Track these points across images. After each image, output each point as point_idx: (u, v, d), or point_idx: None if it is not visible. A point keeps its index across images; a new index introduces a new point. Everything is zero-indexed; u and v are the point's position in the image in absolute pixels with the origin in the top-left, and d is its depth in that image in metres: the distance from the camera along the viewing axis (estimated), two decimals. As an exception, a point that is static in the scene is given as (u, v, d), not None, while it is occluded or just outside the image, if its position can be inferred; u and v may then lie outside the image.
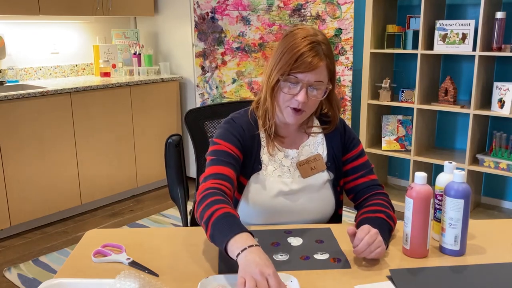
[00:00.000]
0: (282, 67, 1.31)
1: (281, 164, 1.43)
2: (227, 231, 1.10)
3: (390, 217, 1.32)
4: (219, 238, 1.11)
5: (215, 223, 1.14)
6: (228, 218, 1.14)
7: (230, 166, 1.34)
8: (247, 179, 1.42)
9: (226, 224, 1.13)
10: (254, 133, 1.42)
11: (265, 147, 1.42)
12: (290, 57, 1.29)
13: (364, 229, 1.17)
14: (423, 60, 3.28)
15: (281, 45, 1.35)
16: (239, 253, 1.04)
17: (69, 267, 1.16)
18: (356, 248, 1.15)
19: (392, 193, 3.66)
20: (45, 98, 3.18)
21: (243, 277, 0.99)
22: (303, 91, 1.30)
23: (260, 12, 3.63)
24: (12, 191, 3.08)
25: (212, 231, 1.14)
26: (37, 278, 2.61)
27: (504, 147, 3.15)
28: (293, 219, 1.44)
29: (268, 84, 1.35)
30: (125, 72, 4.05)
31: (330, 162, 1.46)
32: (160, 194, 3.98)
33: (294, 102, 1.33)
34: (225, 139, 1.38)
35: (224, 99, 3.81)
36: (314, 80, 1.31)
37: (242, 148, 1.39)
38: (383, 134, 3.58)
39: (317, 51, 1.30)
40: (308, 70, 1.29)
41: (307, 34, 1.32)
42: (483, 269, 1.15)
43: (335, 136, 1.47)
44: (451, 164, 1.24)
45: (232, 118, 1.44)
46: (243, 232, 1.09)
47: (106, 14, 3.75)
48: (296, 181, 1.43)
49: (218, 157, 1.35)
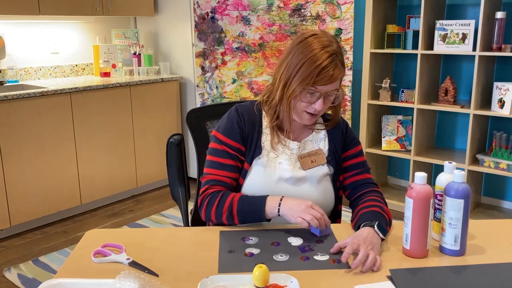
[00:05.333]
0: (304, 80, 1.35)
1: (283, 152, 1.47)
2: (255, 207, 1.33)
3: (385, 211, 1.38)
4: (253, 216, 1.34)
5: (239, 209, 1.34)
6: (246, 198, 1.36)
7: (230, 168, 1.43)
8: (250, 164, 1.46)
9: (248, 203, 1.35)
10: (256, 121, 1.47)
11: (267, 135, 1.48)
12: (312, 71, 1.33)
13: (353, 245, 1.18)
14: (423, 60, 3.28)
15: (297, 54, 1.37)
16: (278, 209, 1.30)
17: (69, 267, 1.17)
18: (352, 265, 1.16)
19: (392, 193, 3.66)
20: (45, 98, 3.18)
21: (299, 217, 1.26)
22: (321, 100, 1.37)
23: (260, 12, 3.63)
24: (12, 191, 3.08)
25: (242, 217, 1.34)
26: (37, 278, 2.61)
27: (504, 147, 3.14)
28: None
29: (286, 93, 1.39)
30: (125, 72, 4.05)
31: (330, 157, 1.50)
32: (160, 194, 3.98)
33: (311, 108, 1.39)
34: (226, 133, 1.45)
35: (224, 99, 3.81)
36: (331, 89, 1.38)
37: (243, 138, 1.46)
38: (383, 134, 3.58)
39: (336, 63, 1.35)
40: (328, 83, 1.35)
41: (324, 44, 1.35)
42: (483, 269, 1.15)
43: (337, 133, 1.52)
44: (451, 164, 1.24)
45: (236, 107, 1.50)
46: (266, 197, 1.33)
47: (106, 14, 3.75)
48: (297, 172, 1.46)
49: (218, 159, 1.44)
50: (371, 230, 1.25)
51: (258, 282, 1.05)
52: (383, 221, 1.31)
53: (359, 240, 1.19)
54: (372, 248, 1.18)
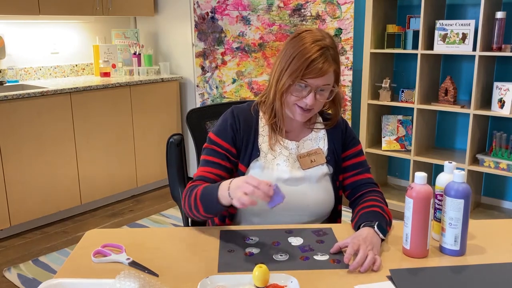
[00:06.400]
0: (293, 72, 1.34)
1: (280, 153, 1.46)
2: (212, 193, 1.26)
3: (385, 212, 1.37)
4: (211, 203, 1.27)
5: (201, 198, 1.30)
6: (207, 187, 1.31)
7: (219, 167, 1.43)
8: (246, 166, 1.46)
9: (207, 191, 1.29)
10: (252, 122, 1.47)
11: (264, 136, 1.47)
12: (301, 63, 1.33)
13: (353, 246, 1.18)
14: (423, 60, 3.28)
15: (289, 49, 1.37)
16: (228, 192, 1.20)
17: (69, 267, 1.16)
18: (351, 267, 1.15)
19: (392, 193, 3.66)
20: (45, 98, 3.18)
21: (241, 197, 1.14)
22: (311, 94, 1.36)
23: (260, 12, 3.63)
24: (12, 191, 3.08)
25: (204, 205, 1.29)
26: (37, 278, 2.61)
27: (504, 147, 3.14)
28: (294, 205, 1.43)
29: (278, 87, 1.39)
30: (125, 72, 4.05)
31: (330, 157, 1.49)
32: (160, 194, 3.98)
33: (302, 103, 1.38)
34: (219, 135, 1.46)
35: (224, 99, 3.81)
36: (322, 84, 1.36)
37: (235, 140, 1.45)
38: (383, 134, 3.58)
39: (327, 56, 1.34)
40: (318, 76, 1.34)
41: (316, 38, 1.35)
42: (483, 269, 1.15)
43: (336, 132, 1.52)
44: (451, 164, 1.24)
45: (232, 109, 1.49)
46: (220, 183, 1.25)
47: (106, 14, 3.75)
48: (296, 172, 1.46)
49: (205, 157, 1.45)
50: (371, 230, 1.25)
51: (258, 282, 1.05)
52: (383, 222, 1.31)
53: (359, 240, 1.19)
54: (372, 249, 1.18)
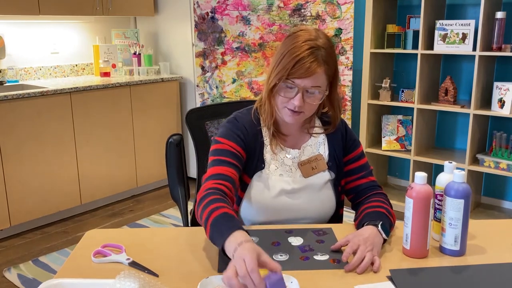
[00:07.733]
0: (281, 71, 1.30)
1: (283, 163, 1.43)
2: (223, 232, 1.09)
3: (390, 214, 1.35)
4: (217, 239, 1.10)
5: (213, 224, 1.13)
6: (224, 219, 1.13)
7: (232, 165, 1.35)
8: (250, 177, 1.43)
9: (222, 224, 1.12)
10: (257, 132, 1.42)
11: (268, 146, 1.43)
12: (289, 62, 1.29)
13: (353, 246, 1.18)
14: (423, 60, 3.28)
15: (282, 47, 1.34)
16: (233, 254, 1.02)
17: (69, 267, 1.16)
18: (348, 266, 1.15)
19: (392, 193, 3.66)
20: (45, 98, 3.18)
21: (225, 277, 0.97)
22: (299, 95, 1.30)
23: (260, 12, 3.63)
24: (12, 191, 3.08)
25: (211, 232, 1.14)
26: (37, 278, 2.61)
27: (504, 147, 3.14)
28: (295, 217, 1.44)
29: (267, 86, 1.36)
30: (125, 72, 4.05)
31: (331, 162, 1.46)
32: (160, 194, 3.98)
33: (290, 104, 1.33)
34: (227, 137, 1.39)
35: (224, 99, 3.81)
36: (311, 85, 1.30)
37: (245, 147, 1.40)
38: (383, 134, 3.58)
39: (316, 56, 1.29)
40: (305, 76, 1.29)
41: (308, 37, 1.30)
42: (483, 269, 1.15)
43: (336, 136, 1.48)
44: (451, 164, 1.24)
45: (235, 117, 1.44)
46: (237, 231, 1.07)
47: (106, 14, 3.75)
48: (298, 181, 1.43)
49: (219, 157, 1.36)
50: (374, 229, 1.23)
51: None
52: (387, 222, 1.29)
53: (359, 240, 1.19)
54: (372, 249, 1.17)
